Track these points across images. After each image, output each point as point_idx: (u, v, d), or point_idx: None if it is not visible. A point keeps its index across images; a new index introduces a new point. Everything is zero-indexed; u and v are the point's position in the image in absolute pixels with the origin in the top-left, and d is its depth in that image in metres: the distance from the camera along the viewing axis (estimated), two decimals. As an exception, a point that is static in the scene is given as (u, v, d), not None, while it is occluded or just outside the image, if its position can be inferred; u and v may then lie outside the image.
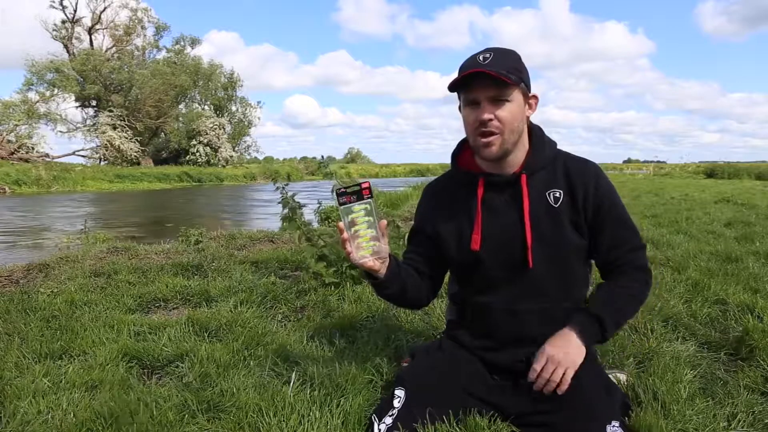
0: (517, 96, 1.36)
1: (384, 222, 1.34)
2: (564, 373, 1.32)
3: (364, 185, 1.32)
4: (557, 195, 1.41)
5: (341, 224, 1.31)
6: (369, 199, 1.32)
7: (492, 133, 1.35)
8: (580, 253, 1.46)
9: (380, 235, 1.33)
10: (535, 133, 1.47)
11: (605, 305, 1.41)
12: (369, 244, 1.33)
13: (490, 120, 1.34)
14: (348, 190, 1.32)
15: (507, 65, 1.33)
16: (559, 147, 1.50)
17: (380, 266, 1.37)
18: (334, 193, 1.34)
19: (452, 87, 1.39)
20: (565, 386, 1.32)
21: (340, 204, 1.31)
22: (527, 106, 1.42)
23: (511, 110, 1.35)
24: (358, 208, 1.32)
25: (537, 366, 1.35)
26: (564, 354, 1.34)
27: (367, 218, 1.32)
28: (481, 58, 1.34)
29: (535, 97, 1.44)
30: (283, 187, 3.34)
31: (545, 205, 1.41)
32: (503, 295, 1.46)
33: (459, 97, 1.42)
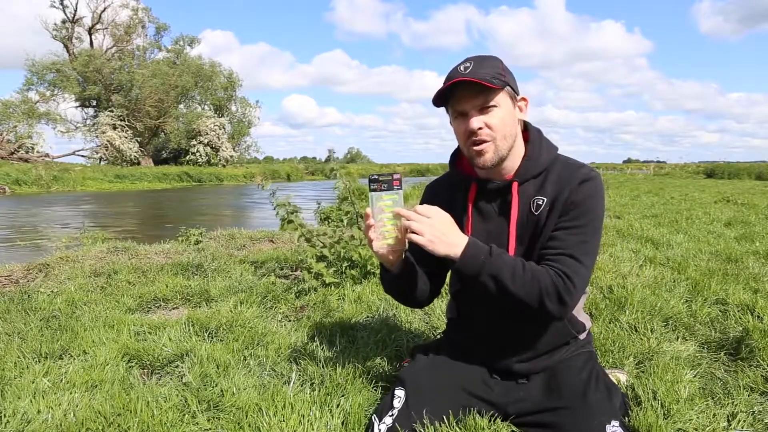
0: (504, 100, 1.34)
1: None
2: (416, 233, 1.25)
3: (395, 176, 1.33)
4: (539, 203, 1.39)
5: (368, 210, 1.32)
6: (398, 190, 1.32)
7: (484, 141, 1.34)
8: None
9: (402, 228, 1.32)
10: (532, 138, 1.45)
11: (504, 254, 1.33)
12: (392, 235, 1.33)
13: (480, 129, 1.33)
14: (380, 178, 1.32)
15: (489, 71, 1.32)
16: (560, 149, 1.47)
17: (396, 260, 1.38)
18: (367, 179, 1.34)
19: (437, 101, 1.38)
20: (417, 237, 1.25)
21: (371, 190, 1.32)
22: (517, 109, 1.40)
23: (500, 116, 1.34)
24: (387, 197, 1.32)
25: (420, 210, 1.27)
26: (441, 234, 1.27)
27: (393, 209, 1.32)
28: (461, 68, 1.33)
29: (524, 99, 1.42)
30: (273, 193, 3.29)
31: (528, 213, 1.40)
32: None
33: (447, 111, 1.42)
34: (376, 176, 1.32)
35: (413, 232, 1.27)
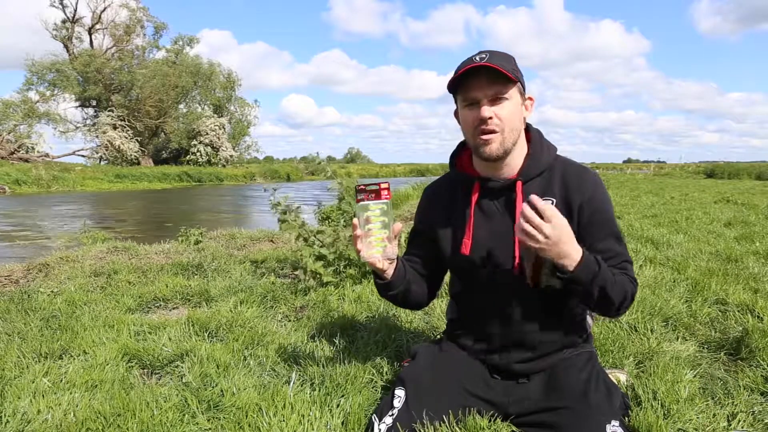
0: (515, 95, 1.36)
1: (398, 225, 1.35)
2: (541, 240, 1.21)
3: (383, 185, 1.31)
4: (550, 204, 1.40)
5: (356, 221, 1.31)
6: (386, 200, 1.31)
7: (492, 131, 1.35)
8: None
9: (392, 236, 1.33)
10: (533, 137, 1.46)
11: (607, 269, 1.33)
12: (380, 244, 1.33)
13: (490, 118, 1.33)
14: (367, 188, 1.31)
15: (504, 65, 1.33)
16: (559, 149, 1.49)
17: (388, 267, 1.39)
18: (354, 189, 1.33)
19: (451, 86, 1.39)
20: (529, 241, 1.22)
21: (358, 200, 1.31)
22: (524, 107, 1.42)
23: (510, 108, 1.35)
24: (375, 207, 1.31)
25: (542, 207, 1.21)
26: (560, 238, 1.22)
27: (381, 218, 1.31)
28: (477, 58, 1.34)
29: (530, 98, 1.44)
30: (274, 190, 3.34)
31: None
32: (496, 299, 1.46)
33: (455, 101, 1.43)
34: (363, 186, 1.31)
35: (540, 238, 1.20)
